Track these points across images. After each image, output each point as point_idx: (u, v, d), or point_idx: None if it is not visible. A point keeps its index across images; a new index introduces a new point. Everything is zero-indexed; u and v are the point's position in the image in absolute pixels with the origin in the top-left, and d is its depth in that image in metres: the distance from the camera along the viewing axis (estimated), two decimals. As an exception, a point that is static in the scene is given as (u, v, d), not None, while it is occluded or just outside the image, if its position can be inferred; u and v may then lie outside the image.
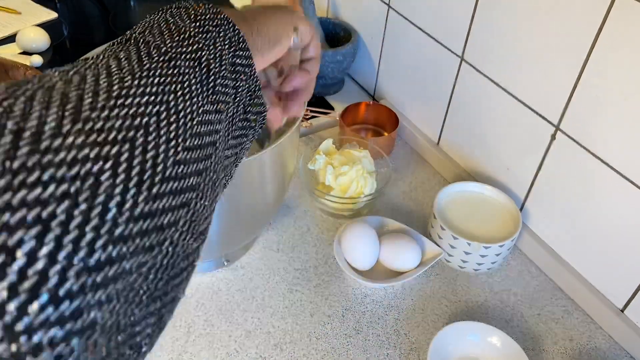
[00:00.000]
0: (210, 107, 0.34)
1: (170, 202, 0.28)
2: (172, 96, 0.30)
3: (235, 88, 0.38)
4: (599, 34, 0.59)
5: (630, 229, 0.63)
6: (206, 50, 0.35)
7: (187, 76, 0.32)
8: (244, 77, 0.39)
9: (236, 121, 0.39)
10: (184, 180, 0.30)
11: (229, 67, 0.37)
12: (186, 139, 0.30)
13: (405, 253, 0.71)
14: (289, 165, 0.65)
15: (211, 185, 0.34)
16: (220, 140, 0.35)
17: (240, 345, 0.65)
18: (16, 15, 1.16)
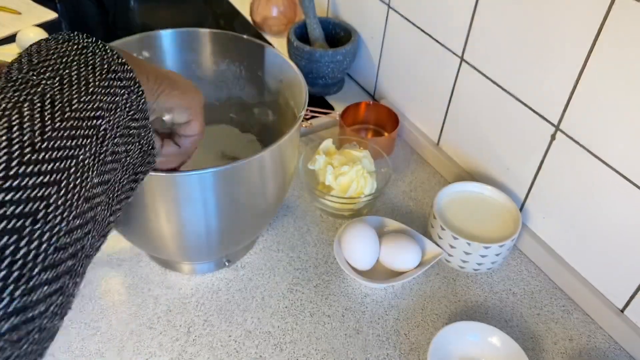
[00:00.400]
0: (98, 179, 0.32)
1: (44, 291, 0.27)
2: (64, 174, 0.29)
3: (127, 151, 0.37)
4: (599, 34, 0.59)
5: (630, 229, 0.63)
6: (107, 117, 0.34)
7: (82, 149, 0.31)
8: (137, 139, 0.38)
9: (124, 184, 0.38)
10: (61, 266, 0.29)
11: (124, 130, 0.36)
12: (70, 221, 0.29)
13: (405, 253, 0.71)
14: (289, 166, 0.65)
15: (85, 260, 0.32)
16: (100, 213, 0.34)
17: (240, 345, 0.65)
18: (16, 15, 1.16)
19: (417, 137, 0.93)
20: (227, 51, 0.73)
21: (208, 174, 0.54)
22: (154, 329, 0.66)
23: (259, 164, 0.58)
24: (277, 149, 0.58)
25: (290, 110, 0.70)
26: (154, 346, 0.64)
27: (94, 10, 1.29)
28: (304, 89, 0.64)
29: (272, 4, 1.16)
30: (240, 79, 0.75)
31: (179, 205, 0.57)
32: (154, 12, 1.26)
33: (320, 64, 0.96)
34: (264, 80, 0.74)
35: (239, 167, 0.55)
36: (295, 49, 0.97)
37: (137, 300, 0.68)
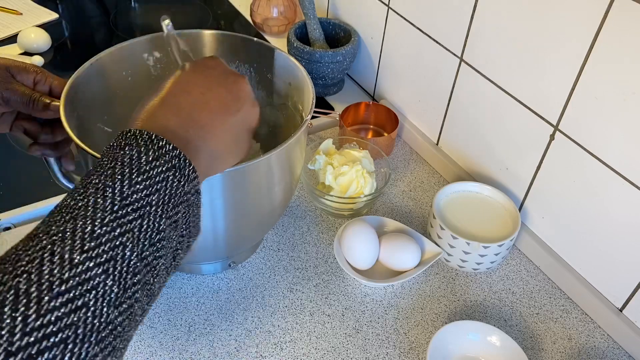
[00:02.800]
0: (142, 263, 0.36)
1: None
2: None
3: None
4: (598, 34, 0.59)
5: (629, 229, 0.63)
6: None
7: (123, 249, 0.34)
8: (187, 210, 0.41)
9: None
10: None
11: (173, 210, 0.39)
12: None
13: (405, 253, 0.72)
14: (296, 167, 0.65)
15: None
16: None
17: (241, 345, 0.65)
18: (17, 15, 1.16)
19: (416, 137, 0.93)
20: (237, 53, 0.73)
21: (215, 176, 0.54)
22: (154, 328, 0.66)
23: (267, 165, 0.58)
24: (284, 151, 0.58)
25: (298, 112, 0.70)
26: (154, 345, 0.64)
27: (95, 11, 1.30)
28: (311, 92, 0.64)
29: (272, 4, 1.17)
30: (250, 81, 0.76)
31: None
32: (154, 13, 1.26)
33: (320, 64, 0.97)
34: (273, 83, 0.74)
35: (246, 168, 0.56)
36: (295, 49, 0.97)
37: (138, 300, 0.69)
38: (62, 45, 1.12)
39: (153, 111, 0.42)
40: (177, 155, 0.39)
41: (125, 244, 0.34)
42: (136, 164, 0.37)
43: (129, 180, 0.36)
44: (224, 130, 0.44)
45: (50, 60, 1.07)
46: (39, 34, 1.06)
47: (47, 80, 0.60)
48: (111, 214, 0.34)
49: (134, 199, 0.36)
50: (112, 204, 0.35)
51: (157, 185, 0.37)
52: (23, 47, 1.06)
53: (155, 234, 0.36)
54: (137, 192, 0.36)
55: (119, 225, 0.34)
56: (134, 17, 1.28)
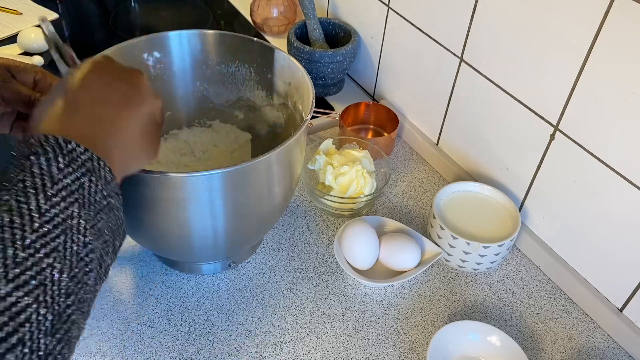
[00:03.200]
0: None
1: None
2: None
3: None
4: (598, 34, 0.59)
5: (629, 229, 0.63)
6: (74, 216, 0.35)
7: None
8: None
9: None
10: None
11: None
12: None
13: (405, 253, 0.72)
14: (296, 167, 0.65)
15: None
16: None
17: (241, 345, 0.65)
18: (17, 15, 1.16)
19: (416, 137, 0.93)
20: (236, 53, 0.74)
21: (216, 175, 0.54)
22: (154, 328, 0.66)
23: (267, 165, 0.58)
24: (284, 151, 0.58)
25: (298, 112, 0.70)
26: (154, 345, 0.64)
27: (95, 11, 1.30)
28: (311, 91, 0.64)
29: (272, 4, 1.16)
30: (250, 81, 0.76)
31: (186, 206, 0.57)
32: (154, 13, 1.26)
33: (320, 64, 0.97)
34: (273, 83, 0.74)
35: (246, 168, 0.56)
36: (295, 49, 0.97)
37: (138, 300, 0.69)
38: (62, 45, 1.12)
39: (53, 114, 0.39)
40: (90, 158, 0.36)
41: (52, 265, 0.32)
42: (48, 174, 0.34)
43: (44, 193, 0.33)
44: (130, 124, 0.42)
45: (50, 60, 1.07)
46: (39, 34, 1.06)
47: (47, 80, 0.60)
48: (32, 233, 0.32)
49: (53, 214, 0.33)
50: (31, 223, 0.32)
51: (75, 194, 0.35)
52: (23, 47, 1.06)
53: (82, 248, 0.34)
54: (55, 206, 0.33)
55: (42, 246, 0.32)
56: (134, 17, 1.28)
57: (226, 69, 0.75)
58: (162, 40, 0.71)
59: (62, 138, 0.36)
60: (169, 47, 0.72)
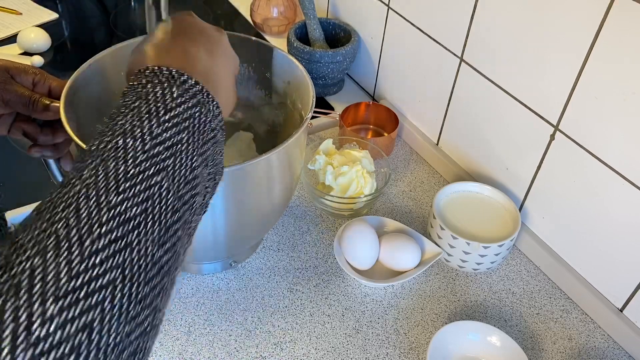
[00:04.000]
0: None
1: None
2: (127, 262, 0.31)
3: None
4: (598, 34, 0.59)
5: (629, 229, 0.63)
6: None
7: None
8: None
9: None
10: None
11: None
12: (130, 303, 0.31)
13: (405, 253, 0.72)
14: (296, 166, 0.65)
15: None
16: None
17: (241, 345, 0.65)
18: (17, 15, 1.16)
19: (416, 137, 0.93)
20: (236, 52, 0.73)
21: None
22: (154, 328, 0.66)
23: (267, 165, 0.58)
24: (285, 151, 0.58)
25: (298, 111, 0.70)
26: (154, 345, 0.64)
27: (95, 11, 1.30)
28: (311, 91, 0.64)
29: (272, 4, 1.16)
30: (248, 80, 0.76)
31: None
32: (154, 13, 1.26)
33: (320, 64, 0.97)
34: (272, 82, 0.74)
35: (246, 168, 0.56)
36: (295, 49, 0.97)
37: (138, 300, 0.69)
38: (61, 45, 1.12)
39: (158, 53, 0.41)
40: (200, 91, 0.38)
41: (161, 183, 0.33)
42: (162, 102, 0.36)
43: (157, 119, 0.35)
44: (220, 73, 0.44)
45: (50, 60, 1.07)
46: (38, 34, 1.06)
47: (46, 82, 0.60)
48: (143, 154, 0.33)
49: (164, 138, 0.35)
50: (142, 144, 0.34)
51: (186, 122, 0.36)
52: (23, 47, 1.06)
53: (189, 172, 0.36)
54: (166, 131, 0.35)
55: (152, 165, 0.33)
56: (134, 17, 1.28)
57: None
58: None
59: (176, 71, 0.38)
60: None
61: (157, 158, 0.34)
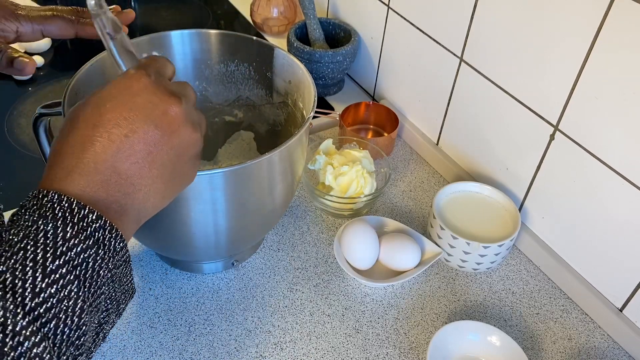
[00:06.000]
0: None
1: None
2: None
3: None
4: (598, 34, 0.59)
5: (629, 229, 0.64)
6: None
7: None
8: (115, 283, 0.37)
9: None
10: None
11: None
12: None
13: (405, 253, 0.72)
14: (298, 166, 0.65)
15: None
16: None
17: (240, 345, 0.65)
18: (17, 15, 1.16)
19: (416, 137, 0.93)
20: (236, 52, 0.74)
21: (218, 175, 0.55)
22: (154, 328, 0.66)
23: (268, 164, 0.58)
24: (286, 150, 0.58)
25: (299, 111, 0.70)
26: (154, 345, 0.64)
27: (95, 11, 1.29)
28: (313, 90, 0.64)
29: (272, 4, 1.17)
30: (249, 80, 0.76)
31: (188, 205, 0.57)
32: (154, 13, 1.26)
33: (320, 64, 0.97)
34: (273, 81, 0.74)
35: (248, 167, 0.56)
36: (295, 49, 0.97)
37: (138, 300, 0.69)
38: (62, 46, 1.12)
39: (68, 166, 0.35)
40: (101, 227, 0.34)
41: (42, 357, 0.29)
42: (52, 245, 0.31)
43: (43, 270, 0.31)
44: (156, 175, 0.38)
45: (51, 60, 1.07)
46: (39, 34, 1.06)
47: (36, 31, 0.54)
48: (23, 319, 0.29)
49: (48, 295, 0.30)
50: (22, 306, 0.29)
51: (76, 270, 0.32)
52: (23, 47, 1.06)
53: (74, 331, 0.32)
54: (52, 285, 0.31)
55: (32, 334, 0.29)
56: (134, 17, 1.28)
57: (225, 68, 0.75)
58: (162, 40, 0.71)
59: (77, 202, 0.33)
60: (169, 47, 0.72)
61: (37, 323, 0.30)
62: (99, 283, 0.33)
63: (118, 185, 0.36)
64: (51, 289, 0.31)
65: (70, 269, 0.32)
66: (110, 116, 0.36)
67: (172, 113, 0.38)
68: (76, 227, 0.32)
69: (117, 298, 0.37)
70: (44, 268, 0.31)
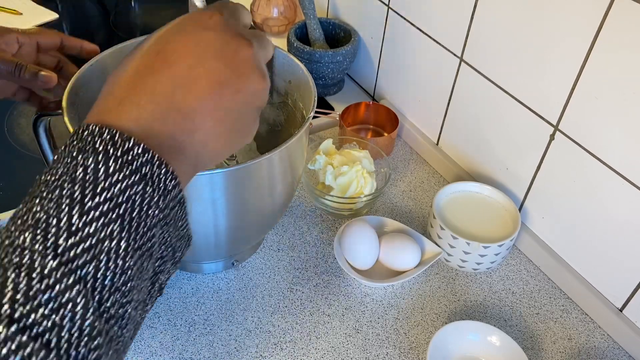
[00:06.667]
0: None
1: None
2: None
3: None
4: (598, 34, 0.59)
5: (629, 229, 0.63)
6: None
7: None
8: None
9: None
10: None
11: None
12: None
13: (405, 253, 0.72)
14: (298, 166, 0.65)
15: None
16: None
17: (240, 344, 0.65)
18: (17, 15, 1.16)
19: (416, 137, 0.93)
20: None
21: (218, 175, 0.55)
22: (154, 328, 0.66)
23: (269, 164, 0.58)
24: (286, 150, 0.58)
25: (299, 111, 0.70)
26: (154, 345, 0.64)
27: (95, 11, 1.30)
28: (313, 90, 0.64)
29: (272, 4, 1.17)
30: None
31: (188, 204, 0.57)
32: (155, 13, 1.27)
33: (320, 64, 0.97)
34: (272, 81, 0.74)
35: (248, 167, 0.56)
36: (295, 49, 0.97)
37: (138, 300, 0.69)
38: (62, 45, 1.12)
39: (120, 95, 0.32)
40: (148, 161, 0.30)
41: (75, 301, 0.26)
42: (91, 181, 0.28)
43: (81, 207, 0.28)
44: (218, 118, 0.34)
45: (50, 60, 1.07)
46: (39, 34, 1.06)
47: (32, 39, 0.52)
48: (54, 259, 0.26)
49: (85, 234, 0.27)
50: (54, 246, 0.27)
51: (120, 208, 0.29)
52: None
53: (118, 276, 0.28)
54: (90, 224, 0.28)
55: (64, 275, 0.26)
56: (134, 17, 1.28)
57: None
58: None
59: (120, 133, 0.30)
60: None
61: (72, 264, 0.27)
62: (148, 224, 0.30)
63: (176, 119, 0.32)
64: (89, 228, 0.28)
65: (113, 206, 0.28)
66: (176, 46, 0.33)
67: (244, 55, 0.34)
68: (120, 161, 0.29)
69: (173, 244, 0.34)
70: (82, 205, 0.28)
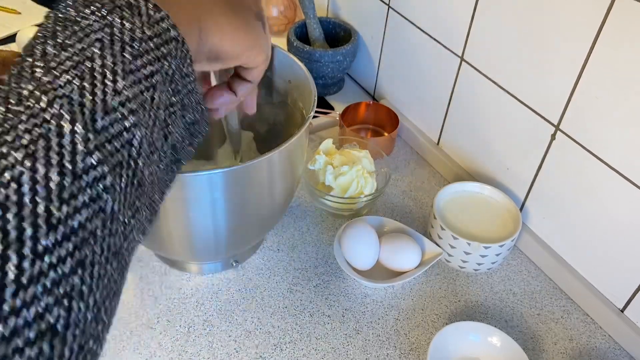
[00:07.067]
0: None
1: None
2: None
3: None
4: (599, 33, 0.59)
5: (631, 229, 0.63)
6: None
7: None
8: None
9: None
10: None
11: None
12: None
13: (405, 253, 0.71)
14: (297, 166, 0.65)
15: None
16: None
17: (240, 345, 0.65)
18: (16, 15, 1.16)
19: (416, 137, 0.93)
20: None
21: (218, 175, 0.54)
22: (153, 329, 0.66)
23: (268, 164, 0.58)
24: (286, 150, 0.58)
25: (299, 110, 0.70)
26: (153, 346, 0.64)
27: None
28: (313, 89, 0.64)
29: (272, 4, 1.16)
30: None
31: (187, 205, 0.57)
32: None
33: (320, 64, 0.96)
34: (272, 81, 0.74)
35: (248, 167, 0.55)
36: (295, 49, 0.97)
37: (137, 301, 0.68)
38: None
39: None
40: (175, 38, 0.30)
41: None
42: (129, 42, 0.27)
43: (130, 47, 0.27)
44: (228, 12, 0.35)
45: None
46: (38, 34, 1.06)
47: None
48: (125, 75, 0.26)
49: (143, 62, 0.27)
50: (123, 64, 0.26)
51: (153, 77, 0.28)
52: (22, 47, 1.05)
53: (163, 141, 0.29)
54: (143, 56, 0.27)
55: (114, 138, 0.25)
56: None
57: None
58: None
59: (153, 3, 0.28)
60: None
61: (119, 124, 0.25)
62: (170, 100, 0.30)
63: (189, 4, 0.32)
64: (143, 58, 0.27)
65: (147, 73, 0.27)
66: None
67: None
68: (153, 29, 0.28)
69: (190, 130, 0.34)
70: (132, 47, 0.26)
